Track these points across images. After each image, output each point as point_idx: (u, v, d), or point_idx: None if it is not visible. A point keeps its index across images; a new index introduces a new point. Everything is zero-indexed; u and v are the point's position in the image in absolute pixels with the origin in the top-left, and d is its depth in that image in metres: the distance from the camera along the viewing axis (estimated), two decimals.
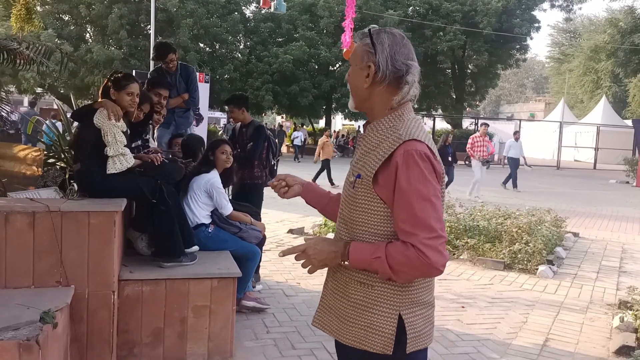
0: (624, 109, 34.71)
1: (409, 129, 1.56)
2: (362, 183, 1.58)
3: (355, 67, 1.66)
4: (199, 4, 24.53)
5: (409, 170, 1.49)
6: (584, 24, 49.55)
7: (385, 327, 1.57)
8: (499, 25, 26.61)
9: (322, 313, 1.76)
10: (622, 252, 7.61)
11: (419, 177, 1.49)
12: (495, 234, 6.65)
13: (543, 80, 64.78)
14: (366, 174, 1.57)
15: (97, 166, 3.23)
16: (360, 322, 1.61)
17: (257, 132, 5.02)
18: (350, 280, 1.64)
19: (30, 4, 5.56)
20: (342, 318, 1.66)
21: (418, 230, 1.47)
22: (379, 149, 1.58)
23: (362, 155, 1.64)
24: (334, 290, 1.71)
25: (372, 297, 1.59)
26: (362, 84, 1.63)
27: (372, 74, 1.60)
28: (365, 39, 1.65)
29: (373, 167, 1.56)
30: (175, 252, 3.48)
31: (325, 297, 1.76)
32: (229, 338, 3.50)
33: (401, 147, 1.51)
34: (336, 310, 1.69)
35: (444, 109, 32.55)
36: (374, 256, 1.51)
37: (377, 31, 1.65)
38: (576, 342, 4.17)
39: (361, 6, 25.48)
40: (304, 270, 1.69)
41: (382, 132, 1.61)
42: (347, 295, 1.65)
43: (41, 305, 2.59)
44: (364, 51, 1.63)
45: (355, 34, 1.74)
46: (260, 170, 5.04)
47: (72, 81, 23.21)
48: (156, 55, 5.36)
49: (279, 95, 26.53)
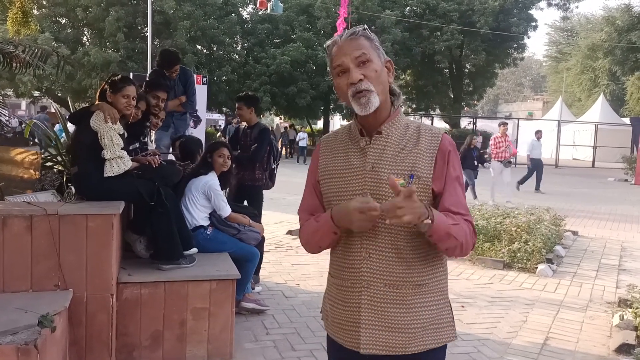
0: (621, 107, 34.77)
1: (426, 125, 1.70)
2: (420, 182, 1.59)
3: (379, 62, 1.61)
4: (196, 6, 24.52)
5: (454, 159, 1.64)
6: (581, 22, 49.61)
7: (446, 318, 1.68)
8: (496, 24, 26.61)
9: (372, 335, 1.61)
10: (621, 250, 7.61)
11: (459, 165, 1.67)
12: (495, 233, 6.65)
13: (541, 79, 64.87)
14: (423, 173, 1.60)
15: (95, 169, 3.23)
16: (423, 323, 1.62)
17: (262, 135, 5.01)
18: (404, 286, 1.60)
19: (26, 7, 5.56)
20: (402, 329, 1.60)
21: (465, 211, 1.63)
22: (417, 148, 1.61)
23: (394, 156, 1.61)
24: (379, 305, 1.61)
25: (429, 295, 1.64)
26: (387, 78, 1.64)
27: (392, 70, 1.65)
28: (369, 36, 1.63)
29: (428, 165, 1.60)
30: (173, 254, 3.47)
31: (366, 319, 1.62)
32: (229, 340, 3.49)
33: (444, 139, 1.64)
34: (390, 324, 1.61)
35: (442, 109, 32.55)
36: (453, 222, 1.57)
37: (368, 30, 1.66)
38: (576, 341, 4.17)
39: (358, 6, 25.51)
40: (303, 271, 1.68)
41: (401, 131, 1.65)
42: (403, 301, 1.61)
43: (39, 309, 2.58)
44: (375, 47, 1.62)
45: (335, 38, 1.66)
46: (261, 173, 5.04)
47: (70, 84, 23.20)
48: (162, 64, 5.21)
49: (277, 97, 26.52)
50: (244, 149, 5.02)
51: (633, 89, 30.14)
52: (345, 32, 1.64)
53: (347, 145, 1.69)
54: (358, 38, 1.60)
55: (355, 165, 1.64)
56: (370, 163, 1.61)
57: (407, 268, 1.61)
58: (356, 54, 1.58)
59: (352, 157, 1.66)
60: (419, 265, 1.62)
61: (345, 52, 1.59)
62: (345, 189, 1.65)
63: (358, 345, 1.63)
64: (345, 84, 1.59)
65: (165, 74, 5.22)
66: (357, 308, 1.63)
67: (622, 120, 30.86)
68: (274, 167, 5.18)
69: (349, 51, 1.58)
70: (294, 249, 6.72)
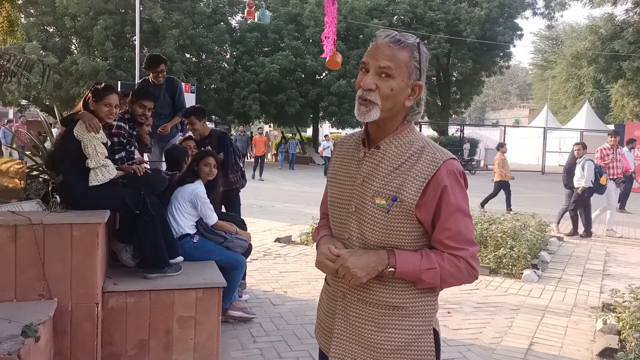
0: (606, 114, 35.25)
1: (435, 146, 1.55)
2: (402, 206, 1.50)
3: (401, 83, 1.49)
4: (185, 15, 24.55)
5: (455, 190, 1.50)
6: (565, 31, 50.30)
7: (425, 345, 1.57)
8: (482, 33, 26.96)
9: (342, 345, 1.61)
10: (605, 256, 7.71)
11: (462, 195, 1.52)
12: (481, 239, 6.71)
13: (527, 86, 65.58)
14: (408, 198, 1.49)
15: (80, 178, 3.23)
16: (396, 345, 1.54)
17: (222, 140, 5.02)
18: (379, 306, 1.55)
19: (12, 16, 5.55)
20: (372, 346, 1.55)
21: (466, 245, 1.51)
22: (413, 170, 1.50)
23: (386, 175, 1.53)
24: (352, 319, 1.59)
25: (407, 318, 1.55)
26: (403, 101, 1.52)
27: (418, 94, 1.53)
28: (414, 51, 1.50)
29: (415, 190, 1.49)
30: (159, 263, 3.47)
31: (339, 328, 1.62)
32: (215, 349, 3.49)
33: (442, 168, 1.49)
34: (361, 339, 1.57)
35: (430, 116, 32.81)
36: (425, 267, 1.48)
37: (421, 44, 1.53)
38: (560, 346, 4.22)
39: (346, 15, 25.72)
40: (291, 279, 1.70)
41: (402, 149, 1.54)
42: (376, 321, 1.55)
43: (23, 319, 2.58)
44: (413, 66, 1.50)
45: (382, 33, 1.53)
46: (235, 175, 5.08)
47: (58, 93, 23.08)
48: (147, 64, 5.30)
49: (266, 105, 26.59)
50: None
51: (617, 96, 30.57)
52: (390, 33, 1.53)
53: (353, 152, 1.64)
54: (397, 47, 1.49)
55: (351, 174, 1.61)
56: (362, 176, 1.57)
57: (385, 288, 1.55)
58: (383, 63, 1.48)
59: (351, 166, 1.62)
60: (398, 287, 1.55)
61: (376, 55, 1.50)
62: (337, 197, 1.65)
63: (329, 351, 1.66)
64: (360, 81, 1.53)
65: (151, 84, 5.25)
66: (332, 316, 1.66)
67: (607, 127, 31.23)
68: (241, 166, 5.23)
69: (379, 57, 1.49)
70: (282, 256, 6.73)
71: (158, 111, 5.31)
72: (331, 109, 26.92)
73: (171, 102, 5.41)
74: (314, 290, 5.27)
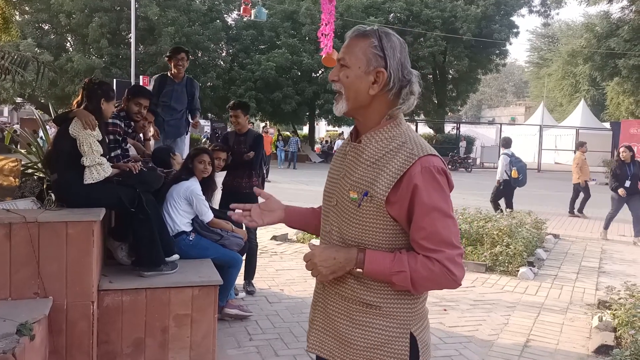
0: (602, 112, 35.38)
1: (416, 142, 1.49)
2: (372, 202, 1.46)
3: (357, 70, 1.49)
4: (180, 12, 24.49)
5: (429, 188, 1.43)
6: (561, 28, 50.41)
7: (398, 348, 1.50)
8: (478, 31, 26.98)
9: (318, 336, 1.62)
10: (601, 253, 7.74)
11: (439, 194, 1.44)
12: (477, 236, 6.73)
13: (523, 84, 65.73)
14: (378, 193, 1.45)
15: (75, 176, 3.21)
16: (369, 344, 1.50)
17: (257, 142, 5.04)
18: (353, 301, 1.53)
19: (7, 13, 5.52)
20: (346, 341, 1.53)
21: (442, 247, 1.42)
22: (388, 165, 1.46)
23: (363, 169, 1.50)
24: (330, 311, 1.58)
25: (381, 318, 1.50)
26: (366, 89, 1.50)
27: (383, 81, 1.48)
28: (372, 39, 1.49)
29: (386, 185, 1.44)
30: (155, 260, 3.46)
31: (318, 319, 1.63)
32: (211, 346, 3.48)
33: (417, 164, 1.43)
34: (336, 333, 1.56)
35: (426, 114, 32.85)
36: (395, 270, 1.43)
37: (386, 32, 1.51)
38: (556, 342, 4.23)
39: (342, 13, 25.68)
40: (287, 276, 1.69)
41: (383, 143, 1.50)
42: (350, 316, 1.53)
43: (18, 317, 2.56)
44: (372, 53, 1.48)
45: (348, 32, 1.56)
46: (257, 179, 5.07)
47: (53, 90, 22.99)
48: (170, 53, 5.44)
49: (262, 102, 26.55)
50: (237, 155, 4.99)
51: (613, 94, 30.70)
52: (355, 28, 1.57)
53: (344, 147, 1.65)
54: (355, 38, 1.52)
55: (337, 168, 1.62)
56: (344, 170, 1.57)
57: (359, 284, 1.52)
58: (340, 55, 1.53)
59: (339, 160, 1.63)
60: (373, 285, 1.51)
61: (342, 49, 1.55)
62: (325, 190, 1.66)
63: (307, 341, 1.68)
64: None
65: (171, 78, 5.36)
66: (314, 308, 1.68)
67: (603, 125, 31.41)
68: (265, 172, 5.26)
69: (342, 50, 1.54)
70: (278, 254, 6.72)
71: (172, 105, 5.36)
72: (327, 106, 26.86)
73: (186, 100, 5.48)
74: (310, 288, 5.26)
